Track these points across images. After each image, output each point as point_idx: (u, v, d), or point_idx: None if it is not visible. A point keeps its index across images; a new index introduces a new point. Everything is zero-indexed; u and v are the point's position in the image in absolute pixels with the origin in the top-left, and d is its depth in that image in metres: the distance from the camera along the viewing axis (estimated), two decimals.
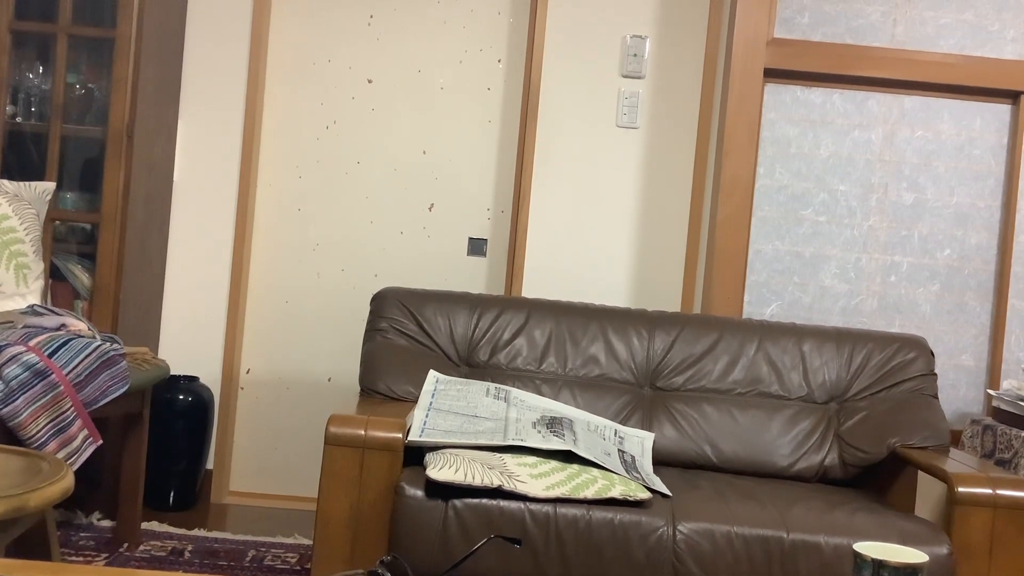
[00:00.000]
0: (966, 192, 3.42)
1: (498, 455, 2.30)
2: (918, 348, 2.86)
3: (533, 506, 2.17)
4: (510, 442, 2.33)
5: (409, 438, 2.32)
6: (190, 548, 2.97)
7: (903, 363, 2.83)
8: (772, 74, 3.39)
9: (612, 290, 3.60)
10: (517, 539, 1.51)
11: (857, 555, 1.41)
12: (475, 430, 2.39)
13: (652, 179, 3.59)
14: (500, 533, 2.03)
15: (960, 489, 2.26)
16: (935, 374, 2.84)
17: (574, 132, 3.59)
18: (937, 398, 2.80)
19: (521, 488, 2.16)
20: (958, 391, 3.41)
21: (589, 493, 2.19)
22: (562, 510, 2.17)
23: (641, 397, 2.81)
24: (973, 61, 3.36)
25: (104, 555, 2.83)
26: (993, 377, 3.39)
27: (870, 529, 2.23)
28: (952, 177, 3.42)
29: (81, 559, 2.78)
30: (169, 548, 2.95)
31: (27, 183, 3.00)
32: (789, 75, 3.39)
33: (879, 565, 1.36)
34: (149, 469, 3.39)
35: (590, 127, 3.59)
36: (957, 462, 2.44)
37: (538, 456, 2.32)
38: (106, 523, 3.13)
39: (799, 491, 2.51)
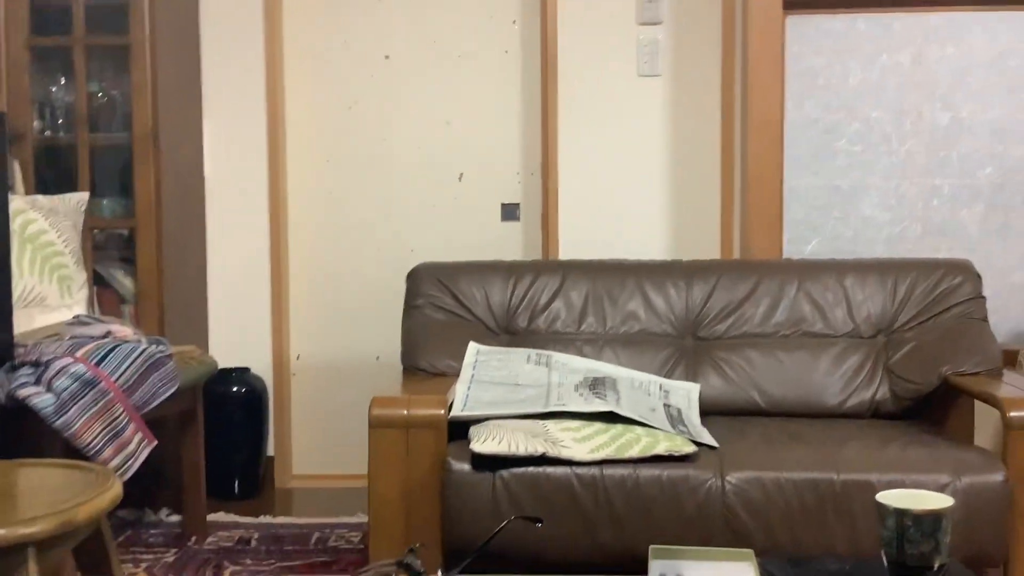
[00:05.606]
0: (1003, 106, 3.31)
1: (541, 422, 2.30)
2: (964, 272, 2.79)
3: (579, 470, 2.18)
4: (552, 408, 2.33)
5: (452, 413, 2.34)
6: (256, 536, 3.04)
7: (949, 289, 2.77)
8: (792, 5, 3.31)
9: (650, 242, 3.56)
10: (538, 519, 1.52)
11: (880, 505, 1.38)
12: (517, 399, 2.40)
13: (680, 126, 3.54)
14: (520, 514, 2.04)
15: (1012, 414, 2.21)
16: (983, 297, 2.77)
17: (595, 86, 3.54)
18: (987, 321, 2.73)
19: (566, 453, 2.17)
20: (1011, 311, 3.34)
21: (634, 452, 2.18)
22: (609, 471, 2.18)
23: (684, 349, 2.79)
24: None
25: (173, 550, 2.90)
26: None
27: (923, 462, 2.20)
28: (987, 92, 3.31)
29: (151, 556, 2.85)
30: (236, 537, 3.02)
31: (61, 196, 3.05)
32: (809, 4, 3.31)
33: (902, 514, 1.33)
34: (212, 461, 3.46)
35: (611, 79, 3.54)
36: (1010, 386, 2.39)
37: (581, 420, 2.32)
38: (175, 518, 3.22)
39: (851, 429, 2.49)
